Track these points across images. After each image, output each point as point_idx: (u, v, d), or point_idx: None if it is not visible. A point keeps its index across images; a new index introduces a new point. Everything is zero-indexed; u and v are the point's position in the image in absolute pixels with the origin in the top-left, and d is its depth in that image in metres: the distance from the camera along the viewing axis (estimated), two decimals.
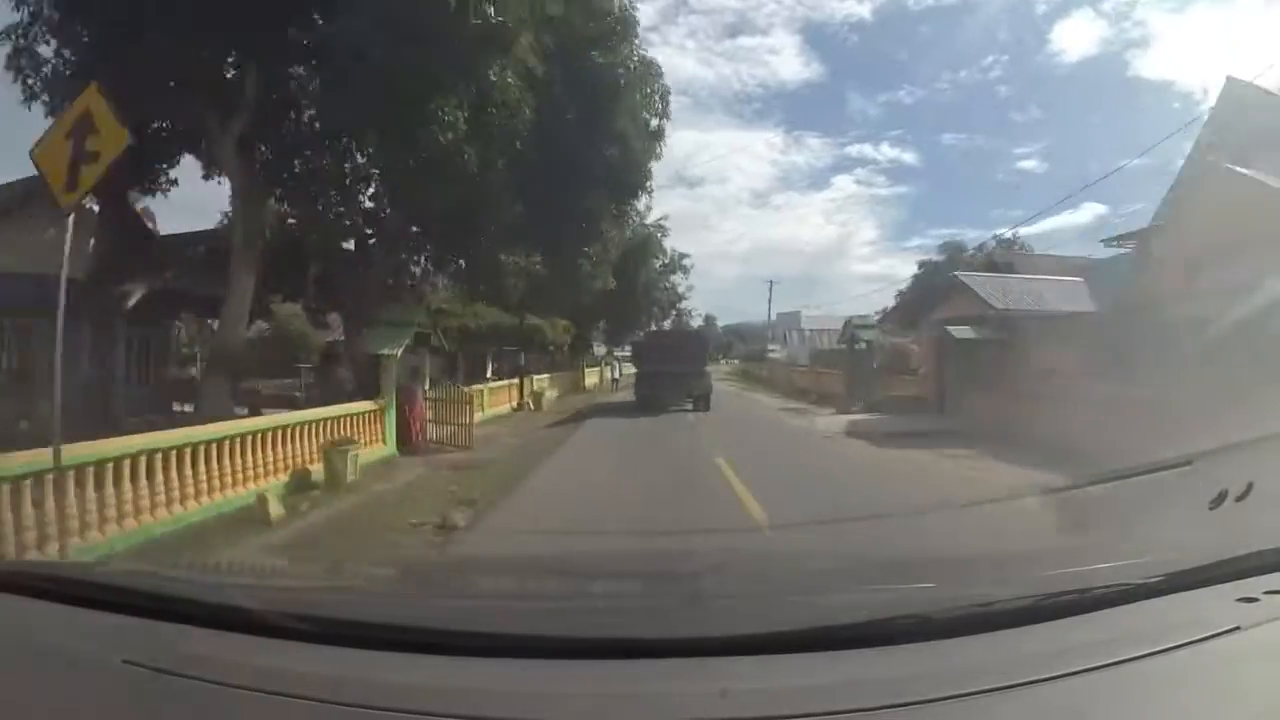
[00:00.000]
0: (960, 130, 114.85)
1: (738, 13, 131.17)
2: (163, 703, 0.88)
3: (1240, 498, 2.01)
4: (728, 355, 62.28)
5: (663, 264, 35.94)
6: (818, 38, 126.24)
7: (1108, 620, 1.04)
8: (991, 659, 0.94)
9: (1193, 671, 0.92)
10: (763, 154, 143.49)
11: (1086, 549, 2.52)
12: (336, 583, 1.75)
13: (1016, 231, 31.34)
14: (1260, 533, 1.32)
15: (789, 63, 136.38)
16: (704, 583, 1.78)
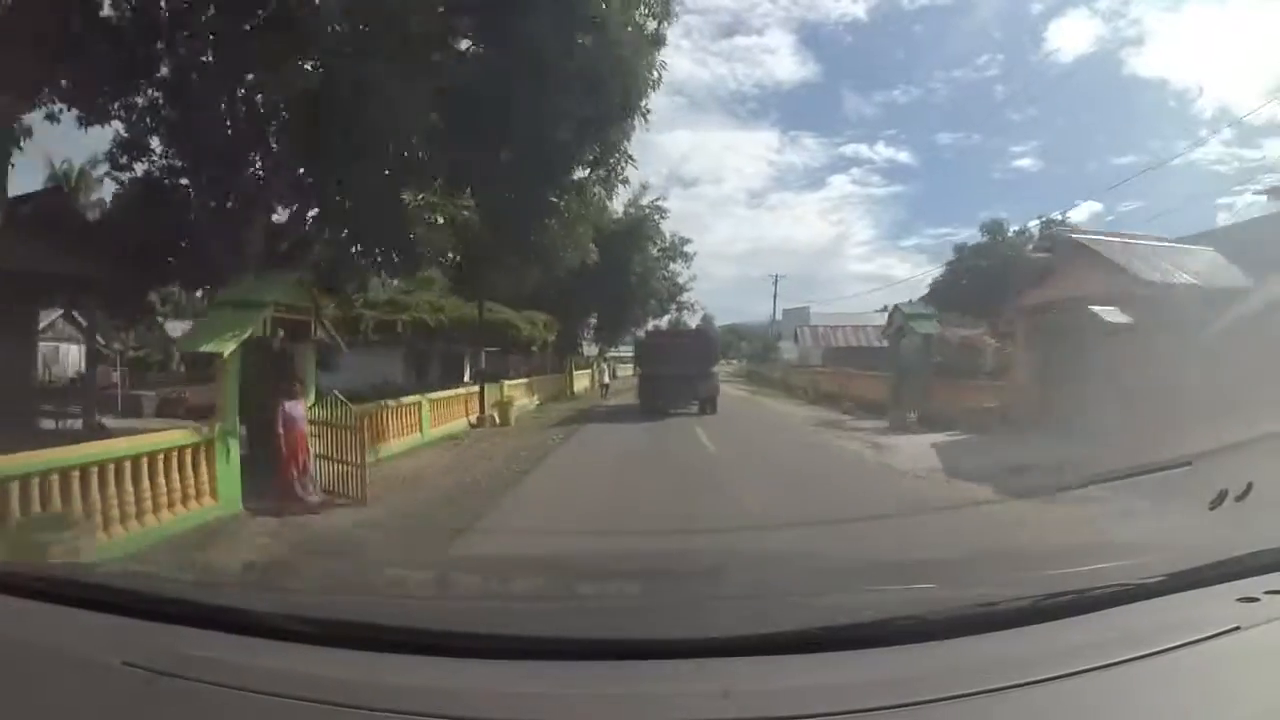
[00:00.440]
0: (956, 129, 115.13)
1: (733, 13, 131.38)
2: (161, 704, 0.87)
3: (1240, 498, 2.01)
4: (727, 355, 62.11)
5: (660, 248, 29.90)
6: (813, 38, 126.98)
7: (1108, 620, 1.04)
8: (992, 659, 0.93)
9: (1193, 671, 0.92)
10: (758, 154, 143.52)
11: (1086, 549, 2.52)
12: (336, 584, 1.75)
13: (1066, 215, 26.01)
14: (1260, 533, 1.32)
15: (784, 62, 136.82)
16: (705, 584, 1.78)
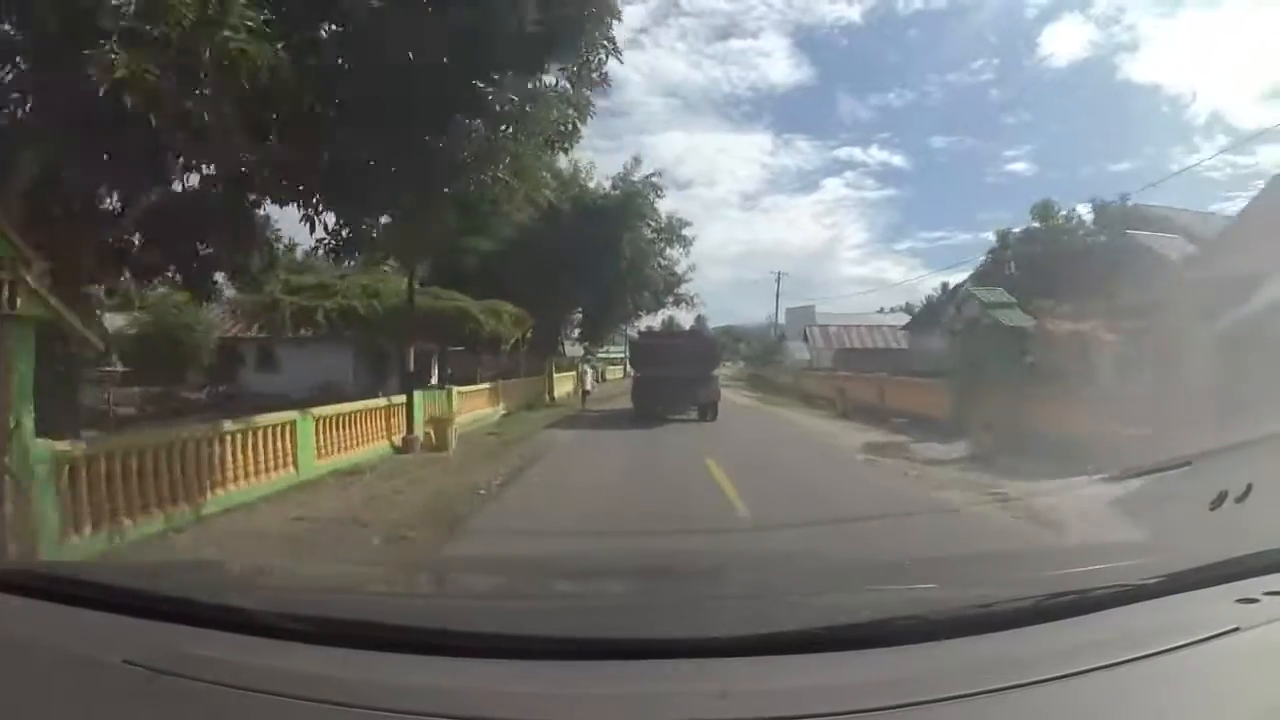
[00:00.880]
0: (950, 133, 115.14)
1: (728, 15, 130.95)
2: (161, 702, 0.87)
3: (1240, 498, 2.01)
4: (724, 358, 61.58)
5: (655, 229, 25.17)
6: (808, 41, 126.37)
7: (1108, 621, 1.04)
8: (992, 660, 0.93)
9: (1193, 672, 0.92)
10: (752, 156, 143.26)
11: (1086, 549, 2.52)
12: (336, 583, 1.74)
13: (1126, 198, 22.46)
14: (1260, 533, 1.32)
15: (779, 65, 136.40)
16: (704, 583, 1.78)
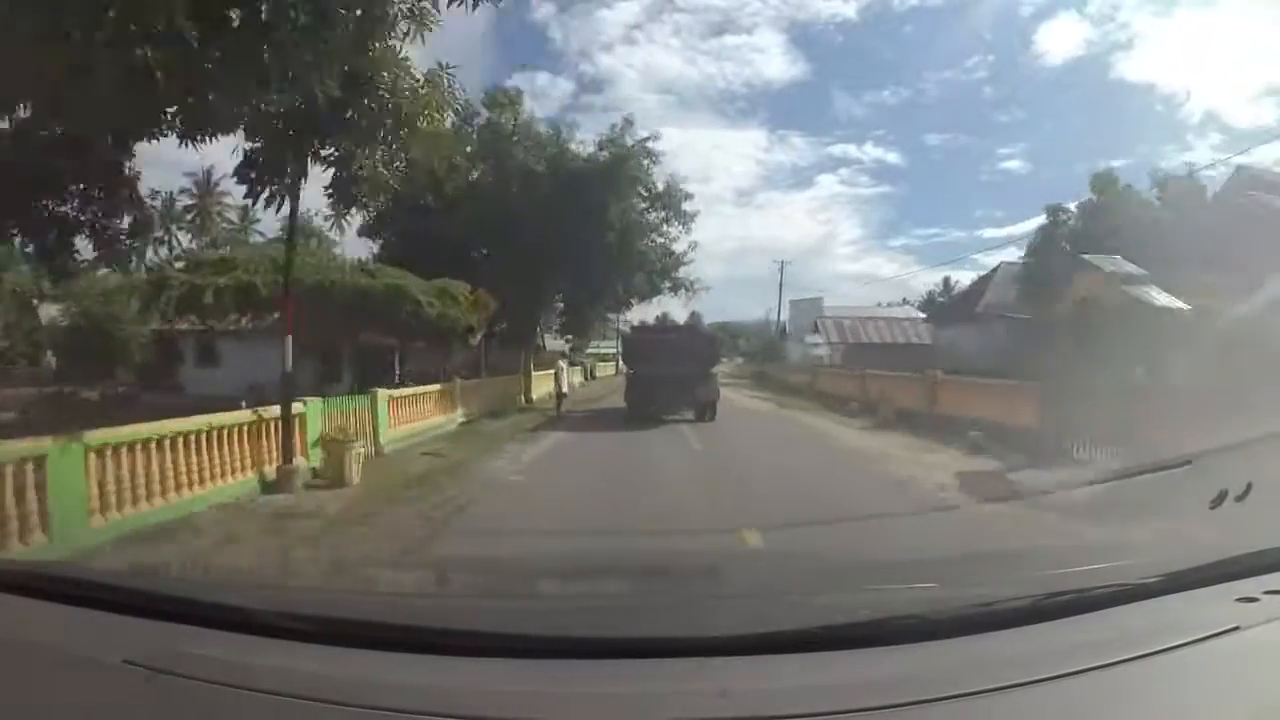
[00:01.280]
0: (944, 131, 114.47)
1: (723, 11, 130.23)
2: (162, 703, 0.87)
3: (1240, 498, 2.01)
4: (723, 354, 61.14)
5: (651, 196, 20.67)
6: (803, 37, 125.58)
7: (1108, 620, 1.04)
8: (992, 659, 0.93)
9: (1192, 671, 0.92)
10: (747, 153, 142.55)
11: (1086, 549, 2.52)
12: (335, 583, 1.75)
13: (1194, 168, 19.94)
14: (1260, 533, 1.32)
15: (774, 62, 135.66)
16: (704, 583, 1.78)
